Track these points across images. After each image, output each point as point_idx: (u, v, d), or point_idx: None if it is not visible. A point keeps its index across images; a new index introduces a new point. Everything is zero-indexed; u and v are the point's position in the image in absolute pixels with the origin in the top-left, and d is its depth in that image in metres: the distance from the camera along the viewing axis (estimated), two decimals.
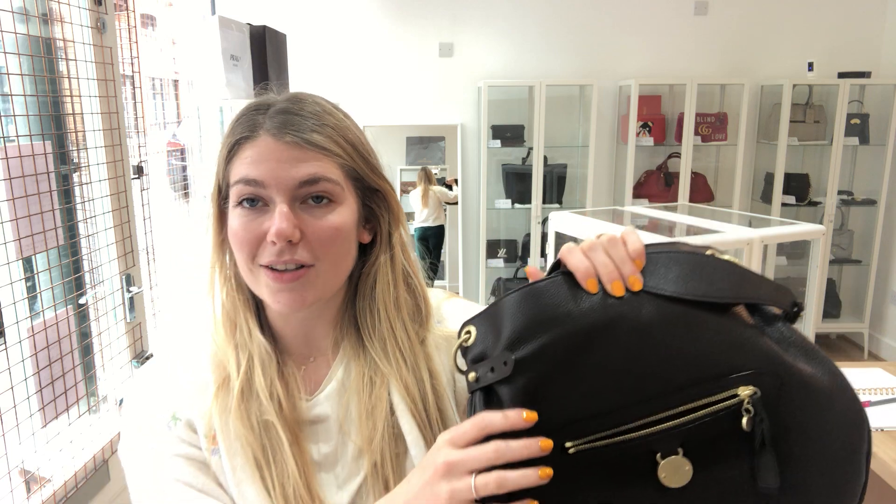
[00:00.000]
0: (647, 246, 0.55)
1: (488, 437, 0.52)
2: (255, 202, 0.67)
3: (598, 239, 0.55)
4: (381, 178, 0.75)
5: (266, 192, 0.66)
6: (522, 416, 0.51)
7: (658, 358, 0.51)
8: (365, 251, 0.76)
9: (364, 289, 0.75)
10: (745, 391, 0.50)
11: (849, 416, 0.53)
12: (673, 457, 0.51)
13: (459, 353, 0.58)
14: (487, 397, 0.54)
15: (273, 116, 0.68)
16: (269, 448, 0.68)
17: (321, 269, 0.68)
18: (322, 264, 0.68)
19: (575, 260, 0.54)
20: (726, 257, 0.55)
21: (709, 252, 0.55)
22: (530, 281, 0.56)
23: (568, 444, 0.51)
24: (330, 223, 0.68)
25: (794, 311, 0.55)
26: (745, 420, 0.50)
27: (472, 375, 0.55)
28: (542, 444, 0.50)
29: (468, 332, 0.57)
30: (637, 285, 0.53)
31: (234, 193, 0.68)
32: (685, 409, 0.51)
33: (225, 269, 0.74)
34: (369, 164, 0.73)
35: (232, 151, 0.69)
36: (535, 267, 0.58)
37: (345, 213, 0.69)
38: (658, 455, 0.51)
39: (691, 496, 0.52)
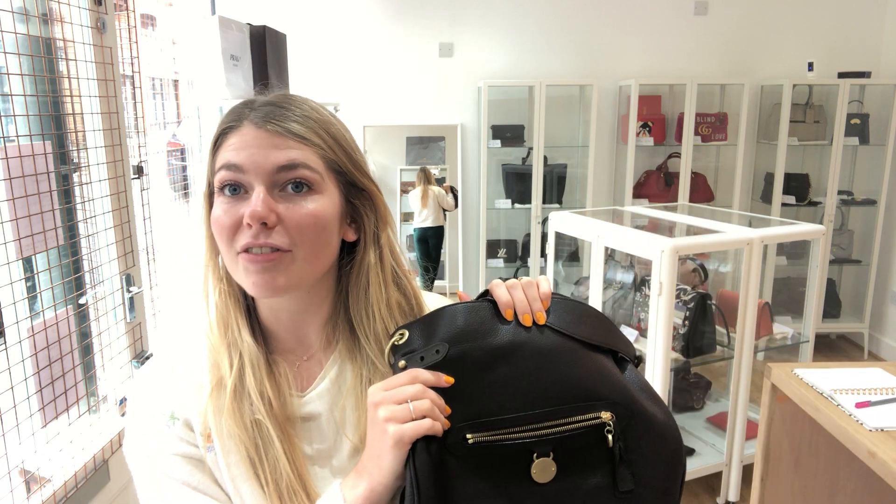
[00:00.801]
0: (553, 294, 0.69)
1: None
2: (237, 189, 0.69)
3: (520, 280, 0.69)
4: (366, 177, 0.76)
5: (245, 178, 0.68)
6: (443, 379, 0.63)
7: (549, 378, 0.64)
8: (352, 251, 0.77)
9: (356, 290, 0.76)
10: (606, 415, 0.64)
11: (675, 447, 0.68)
12: (544, 458, 0.64)
13: (390, 350, 0.67)
14: None
15: (258, 109, 0.71)
16: (261, 446, 0.70)
17: (297, 256, 0.68)
18: (299, 251, 0.68)
19: (499, 293, 0.67)
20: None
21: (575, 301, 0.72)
22: (461, 301, 0.69)
23: (469, 436, 0.62)
24: (307, 209, 0.69)
25: (636, 361, 0.72)
26: (610, 438, 0.64)
27: (402, 363, 0.65)
28: (446, 378, 0.63)
29: (402, 334, 0.67)
30: (541, 320, 0.66)
31: (217, 181, 0.70)
32: (561, 421, 0.64)
33: (218, 269, 0.75)
34: (352, 160, 0.74)
35: (218, 142, 0.71)
36: (465, 292, 0.67)
37: (324, 203, 0.70)
38: (535, 455, 0.63)
39: (559, 494, 0.64)
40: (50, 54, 1.44)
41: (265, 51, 2.53)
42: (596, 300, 2.46)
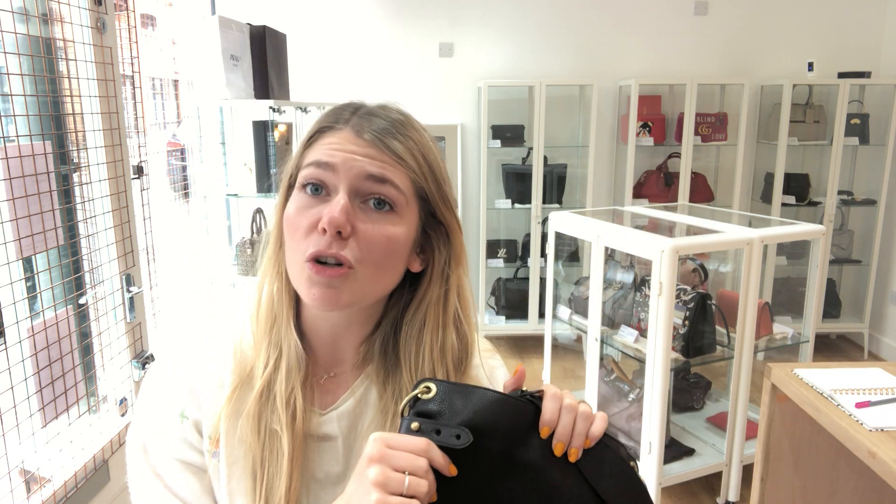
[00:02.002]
0: (605, 437, 0.61)
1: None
2: (319, 190, 0.67)
3: (579, 403, 0.62)
4: (450, 210, 0.73)
5: (332, 178, 0.66)
6: (449, 469, 0.55)
7: None
8: (414, 282, 0.74)
9: (411, 325, 0.73)
10: None
11: None
12: None
13: (410, 400, 0.59)
14: None
15: (363, 116, 0.70)
16: (267, 458, 0.67)
17: (361, 274, 0.66)
18: (364, 269, 0.66)
19: (549, 407, 0.60)
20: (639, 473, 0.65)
21: (631, 463, 0.64)
22: (513, 378, 0.63)
23: None
24: (384, 230, 0.67)
25: None
26: None
27: (414, 424, 0.57)
28: (451, 468, 0.56)
29: (428, 388, 0.59)
30: (573, 457, 0.60)
31: (302, 176, 0.68)
32: None
33: (279, 263, 0.72)
34: (441, 191, 0.71)
35: (312, 138, 0.70)
36: (524, 372, 0.64)
37: (401, 228, 0.68)
38: None
39: None
40: (50, 54, 1.44)
41: (265, 51, 2.53)
42: (596, 300, 2.46)
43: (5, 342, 1.25)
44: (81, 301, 1.56)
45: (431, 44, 3.93)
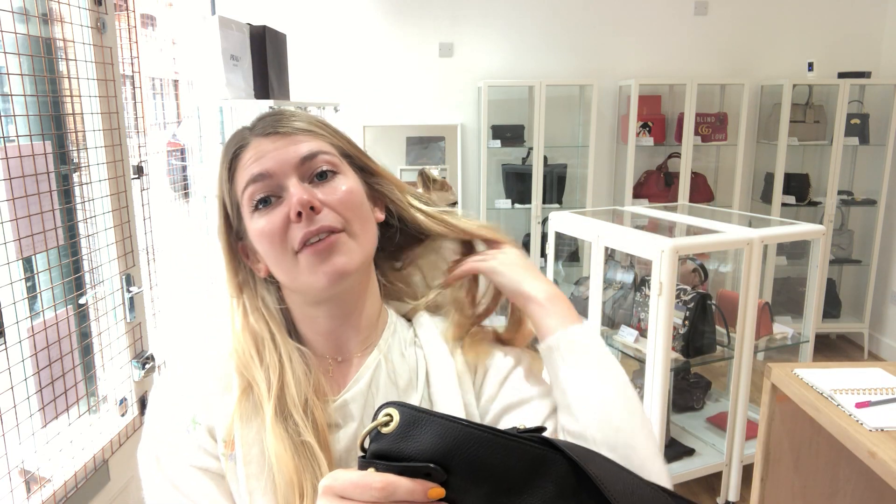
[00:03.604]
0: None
1: None
2: (268, 201, 0.69)
3: None
4: (370, 160, 0.78)
5: (275, 182, 0.69)
6: (428, 493, 0.46)
7: None
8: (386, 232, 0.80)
9: (406, 259, 0.83)
10: None
11: None
12: None
13: (368, 434, 0.49)
14: None
15: (257, 125, 0.73)
16: (303, 468, 0.65)
17: (352, 231, 0.69)
18: (350, 227, 0.69)
19: None
20: None
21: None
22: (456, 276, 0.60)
23: None
24: (342, 189, 0.70)
25: None
26: None
27: (370, 470, 0.47)
28: (431, 493, 0.45)
29: (389, 417, 0.48)
30: None
31: (247, 198, 0.70)
32: None
33: (247, 295, 0.75)
34: (355, 147, 0.77)
35: (231, 167, 0.72)
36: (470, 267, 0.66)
37: (351, 181, 0.72)
38: None
39: None
40: (50, 54, 1.44)
41: (265, 51, 2.53)
42: (596, 300, 2.46)
43: (5, 342, 1.25)
44: (81, 301, 1.56)
45: (431, 44, 3.93)
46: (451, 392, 0.73)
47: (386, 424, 0.47)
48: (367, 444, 0.49)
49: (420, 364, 0.76)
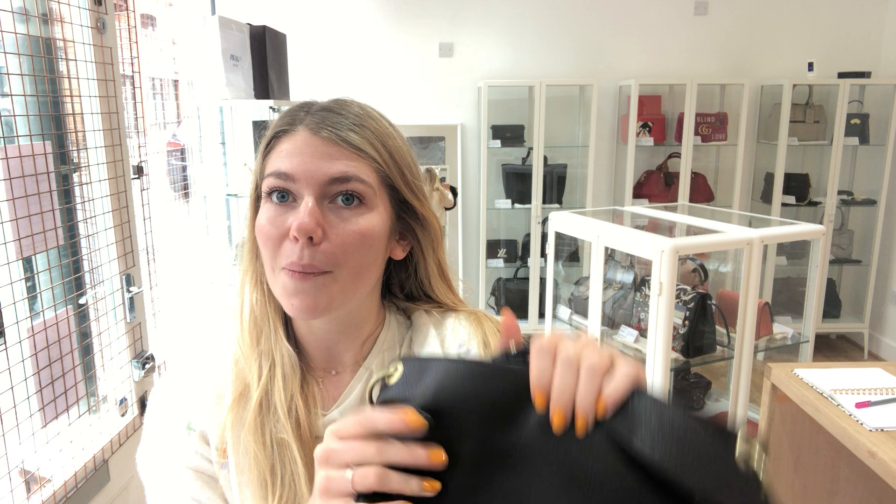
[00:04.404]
0: (640, 394, 0.43)
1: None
2: (285, 197, 0.65)
3: (586, 351, 0.44)
4: (417, 199, 0.72)
5: (295, 187, 0.65)
6: (404, 420, 0.44)
7: None
8: (399, 268, 0.77)
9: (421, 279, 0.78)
10: None
11: None
12: None
13: (375, 385, 0.49)
14: None
15: (314, 113, 0.68)
16: (278, 468, 0.65)
17: (339, 276, 0.65)
18: (342, 271, 0.65)
19: (537, 366, 0.44)
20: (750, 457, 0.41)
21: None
22: (501, 333, 0.50)
23: None
24: (357, 227, 0.65)
25: None
26: None
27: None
28: (431, 455, 0.43)
29: (395, 368, 0.48)
30: (579, 431, 0.43)
31: (265, 186, 0.66)
32: None
33: (258, 273, 0.72)
34: (405, 179, 0.70)
35: (270, 145, 0.68)
36: (513, 317, 0.50)
37: (374, 220, 0.66)
38: None
39: None
40: (50, 54, 1.44)
41: (265, 51, 2.53)
42: (596, 300, 2.46)
43: (5, 342, 1.25)
44: (81, 301, 1.56)
45: (431, 44, 3.93)
46: None
47: (392, 374, 0.47)
48: (373, 396, 0.48)
49: None
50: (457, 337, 0.77)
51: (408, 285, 0.80)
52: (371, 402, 0.48)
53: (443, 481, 0.43)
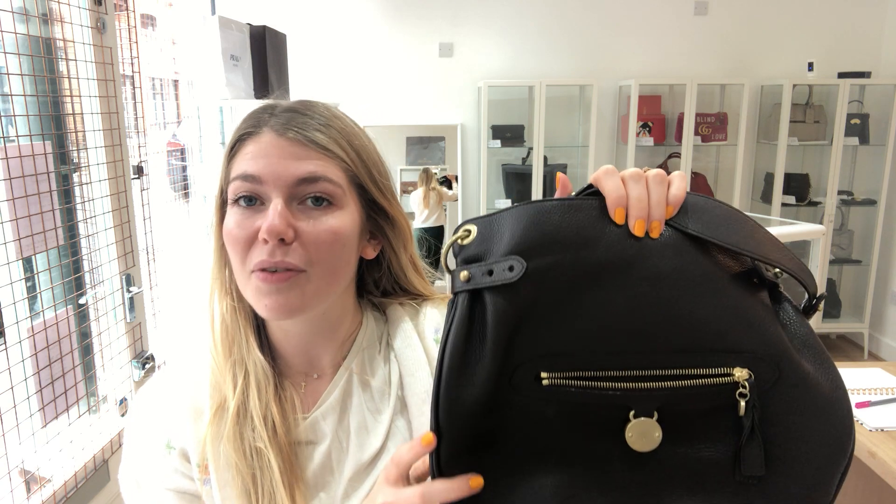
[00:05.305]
0: (689, 194, 0.50)
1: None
2: (253, 200, 0.64)
3: (646, 171, 0.51)
4: (386, 198, 0.71)
5: (263, 189, 0.64)
6: (469, 485, 0.50)
7: (662, 314, 0.47)
8: (372, 267, 0.77)
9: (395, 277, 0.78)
10: (740, 373, 0.47)
11: (840, 431, 0.49)
12: (645, 418, 0.47)
13: (452, 250, 0.52)
14: (472, 303, 0.49)
15: (279, 114, 0.67)
16: (258, 476, 0.65)
17: (313, 275, 0.64)
18: (315, 270, 0.64)
19: (610, 185, 0.49)
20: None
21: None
22: (558, 189, 0.54)
23: (543, 375, 0.47)
24: (327, 226, 0.64)
25: (813, 303, 0.54)
26: (742, 404, 0.47)
27: (463, 274, 0.49)
28: (472, 483, 0.49)
29: (468, 231, 0.51)
30: (655, 233, 0.48)
31: (232, 190, 0.65)
32: (672, 373, 0.47)
33: (226, 282, 0.71)
34: (373, 179, 0.70)
35: (234, 148, 0.67)
36: (566, 177, 0.55)
37: (345, 219, 0.66)
38: (632, 413, 0.47)
39: (658, 467, 0.48)
40: (50, 54, 1.44)
41: (265, 51, 2.53)
42: None
43: (5, 342, 1.25)
44: (81, 301, 1.56)
45: (431, 44, 3.93)
46: (425, 392, 0.70)
47: (466, 236, 0.51)
48: (450, 267, 0.51)
49: (393, 369, 0.74)
50: (432, 323, 0.76)
51: (382, 283, 0.79)
52: (447, 268, 0.52)
53: (537, 310, 0.47)
